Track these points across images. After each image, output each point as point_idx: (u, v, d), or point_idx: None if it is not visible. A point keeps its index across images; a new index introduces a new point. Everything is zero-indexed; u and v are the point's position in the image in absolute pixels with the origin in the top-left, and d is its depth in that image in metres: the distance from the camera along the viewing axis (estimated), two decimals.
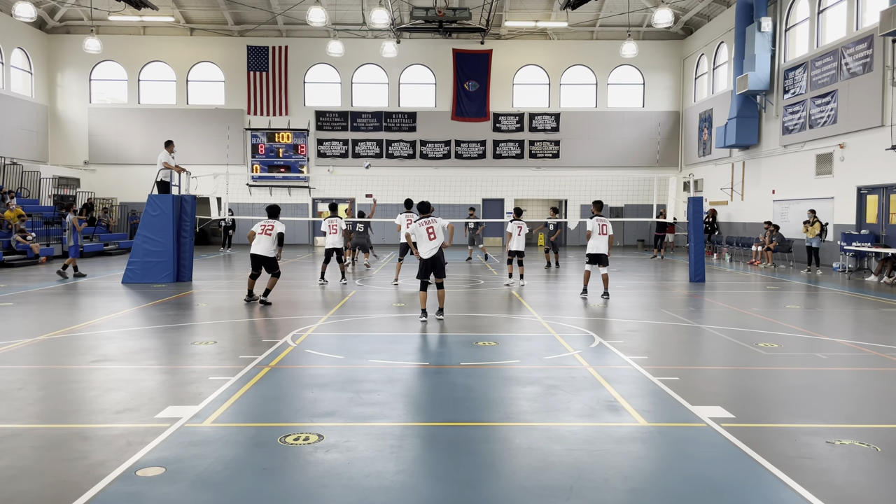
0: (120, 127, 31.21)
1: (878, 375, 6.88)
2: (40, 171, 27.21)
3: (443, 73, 31.67)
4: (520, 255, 14.77)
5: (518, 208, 15.54)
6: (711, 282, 15.88)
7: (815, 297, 13.43)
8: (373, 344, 8.55)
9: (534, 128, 31.83)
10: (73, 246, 16.26)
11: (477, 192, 30.68)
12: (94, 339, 8.48)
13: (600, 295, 12.51)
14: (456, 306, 11.66)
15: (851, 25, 19.60)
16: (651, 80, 31.88)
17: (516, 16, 30.47)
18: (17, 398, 5.79)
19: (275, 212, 12.16)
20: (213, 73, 31.56)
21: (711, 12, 28.45)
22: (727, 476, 4.16)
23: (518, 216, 15.22)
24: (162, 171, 15.43)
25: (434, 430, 4.99)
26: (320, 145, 31.63)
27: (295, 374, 6.74)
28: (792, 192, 22.49)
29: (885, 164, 17.81)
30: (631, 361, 7.22)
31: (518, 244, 14.76)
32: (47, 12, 29.52)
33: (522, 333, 9.08)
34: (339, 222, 15.21)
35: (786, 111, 22.73)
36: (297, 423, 5.10)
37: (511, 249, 14.81)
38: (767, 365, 7.22)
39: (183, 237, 15.39)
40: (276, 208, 12.26)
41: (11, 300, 12.11)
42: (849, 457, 4.49)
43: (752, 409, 5.62)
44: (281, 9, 29.51)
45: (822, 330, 9.51)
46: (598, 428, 5.05)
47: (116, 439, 4.71)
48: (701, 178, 29.18)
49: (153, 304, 11.71)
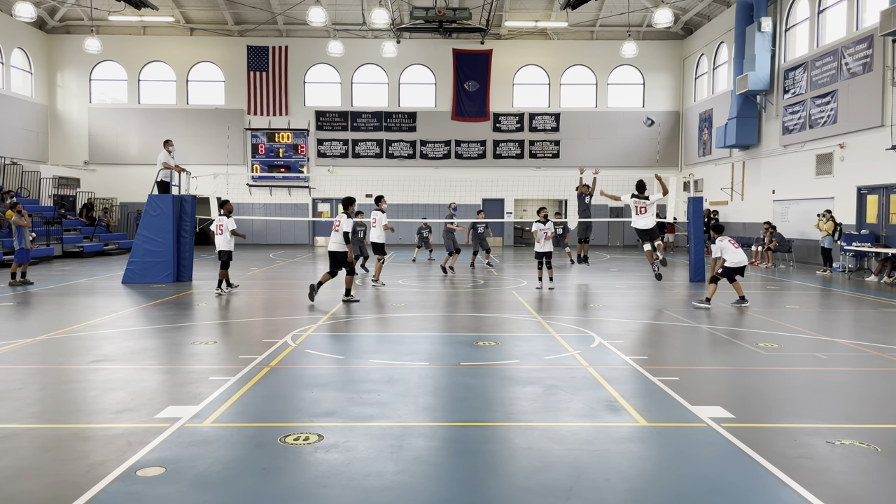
0: (120, 127, 31.21)
1: (878, 375, 6.88)
2: (40, 171, 27.19)
3: (443, 73, 31.68)
4: (547, 257, 14.13)
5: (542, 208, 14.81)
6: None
7: (815, 297, 13.43)
8: (373, 344, 8.55)
9: (534, 128, 31.84)
10: (20, 249, 14.18)
11: (477, 192, 30.68)
12: (94, 339, 8.48)
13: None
14: (456, 306, 11.66)
15: (851, 25, 19.60)
16: (651, 80, 31.89)
17: (516, 16, 30.47)
18: (17, 398, 5.79)
19: (345, 204, 12.00)
20: (213, 73, 31.56)
21: (711, 12, 28.45)
22: (727, 476, 4.16)
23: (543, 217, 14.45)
24: (162, 170, 15.43)
25: (434, 430, 4.98)
26: (320, 145, 31.63)
27: (295, 374, 6.74)
28: (792, 192, 22.49)
29: (885, 164, 17.80)
30: (631, 361, 7.22)
31: (543, 246, 14.12)
32: (47, 12, 29.52)
33: (522, 333, 9.08)
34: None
35: (786, 111, 22.73)
36: (297, 423, 5.10)
37: (536, 251, 14.28)
38: (767, 365, 7.21)
39: (183, 237, 15.39)
40: (347, 200, 12.03)
41: (11, 300, 12.11)
42: (849, 457, 4.49)
43: (752, 409, 5.62)
44: (281, 9, 29.51)
45: (822, 330, 9.51)
46: (598, 428, 5.05)
47: (116, 439, 4.71)
48: (701, 178, 29.18)
49: (153, 304, 11.71)
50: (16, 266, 14.31)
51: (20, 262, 14.33)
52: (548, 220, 14.25)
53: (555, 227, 16.56)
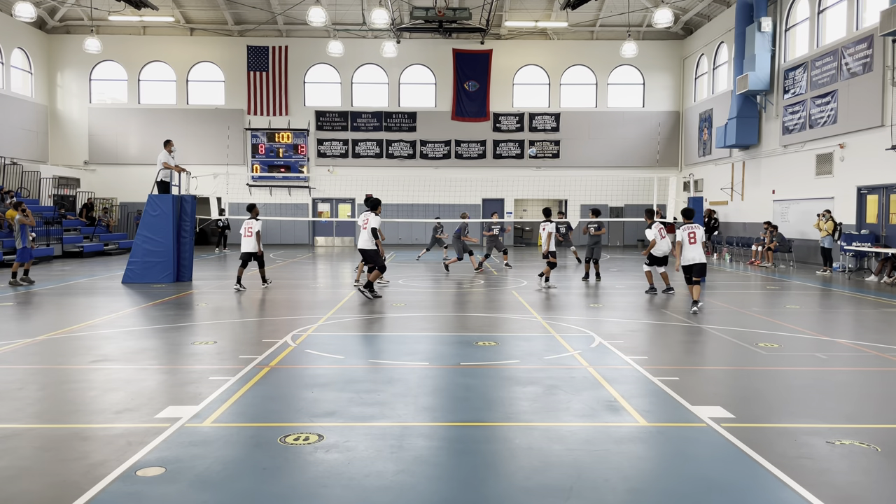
0: (120, 127, 31.21)
1: (878, 375, 6.88)
2: (40, 171, 27.20)
3: (443, 73, 31.67)
4: (551, 256, 14.25)
5: (547, 209, 14.94)
6: (711, 282, 15.87)
7: (815, 297, 13.42)
8: (373, 344, 8.56)
9: (534, 128, 31.83)
10: (22, 249, 14.37)
11: (477, 193, 30.70)
12: (94, 339, 8.48)
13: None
14: (456, 306, 11.67)
15: (851, 25, 19.60)
16: (651, 80, 31.88)
17: (516, 16, 30.47)
18: (17, 398, 5.79)
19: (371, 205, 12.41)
20: (213, 73, 31.56)
21: (711, 12, 28.44)
22: (727, 476, 4.16)
23: (547, 217, 14.65)
24: (162, 170, 15.43)
25: (434, 430, 4.98)
26: (320, 145, 31.63)
27: (295, 374, 6.74)
28: (792, 192, 22.49)
29: (885, 164, 17.80)
30: (631, 361, 7.22)
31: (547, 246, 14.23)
32: (47, 12, 29.52)
33: (522, 333, 9.07)
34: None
35: (786, 111, 22.73)
36: (297, 423, 5.10)
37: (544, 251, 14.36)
38: (767, 365, 7.21)
39: (183, 237, 15.39)
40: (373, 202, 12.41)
41: (11, 300, 12.11)
42: (849, 457, 4.49)
43: (752, 409, 5.62)
44: (281, 9, 29.51)
45: (822, 330, 9.51)
46: (598, 428, 5.05)
47: (116, 439, 4.71)
48: (701, 178, 29.18)
49: (153, 304, 11.71)
50: (17, 265, 14.41)
51: (22, 262, 14.44)
52: (549, 216, 14.53)
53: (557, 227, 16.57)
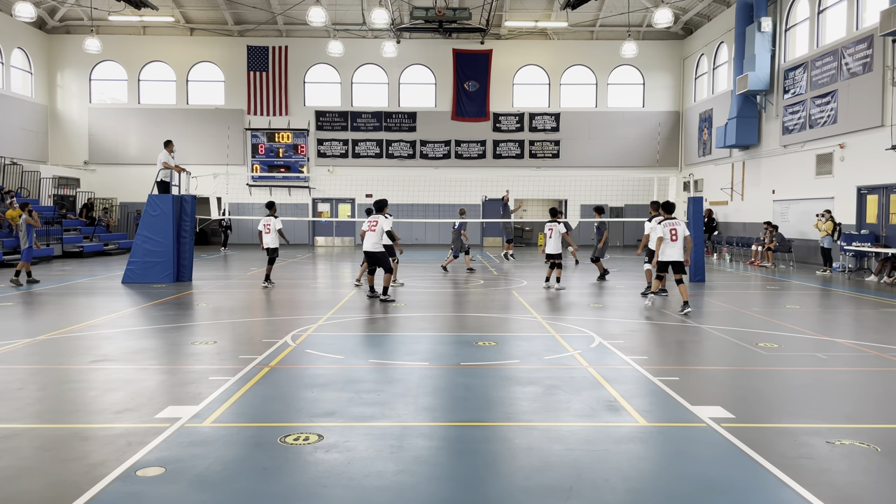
0: (120, 127, 31.22)
1: (878, 375, 6.88)
2: (40, 171, 27.21)
3: (443, 73, 31.67)
4: (554, 258, 13.90)
5: (553, 208, 14.73)
6: (711, 282, 15.87)
7: (815, 297, 13.42)
8: (373, 344, 8.56)
9: (534, 128, 31.83)
10: (26, 248, 14.53)
11: (477, 192, 30.69)
12: (93, 339, 8.48)
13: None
14: (456, 306, 11.67)
15: (851, 25, 19.60)
16: (651, 80, 31.88)
17: (516, 16, 30.47)
18: (17, 398, 5.79)
19: (378, 207, 12.37)
20: (213, 73, 31.56)
21: (711, 12, 28.44)
22: (727, 476, 4.16)
23: (553, 217, 14.41)
24: (162, 171, 15.44)
25: (434, 430, 4.98)
26: (320, 145, 31.63)
27: (295, 374, 6.74)
28: (792, 192, 22.49)
29: (885, 164, 17.81)
30: (631, 361, 7.22)
31: (551, 247, 14.01)
32: (47, 12, 29.52)
33: (522, 333, 9.08)
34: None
35: (786, 111, 22.73)
36: (297, 423, 5.10)
37: (546, 252, 14.20)
38: (767, 365, 7.21)
39: (183, 237, 15.39)
40: (379, 204, 12.40)
41: (12, 300, 12.11)
42: (849, 457, 4.49)
43: (752, 409, 5.62)
44: (281, 9, 29.51)
45: (822, 330, 9.51)
46: (598, 428, 5.05)
47: (116, 439, 4.71)
48: (701, 178, 29.18)
49: (153, 304, 11.71)
50: (22, 265, 14.58)
51: (27, 261, 14.67)
52: (556, 216, 14.41)
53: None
